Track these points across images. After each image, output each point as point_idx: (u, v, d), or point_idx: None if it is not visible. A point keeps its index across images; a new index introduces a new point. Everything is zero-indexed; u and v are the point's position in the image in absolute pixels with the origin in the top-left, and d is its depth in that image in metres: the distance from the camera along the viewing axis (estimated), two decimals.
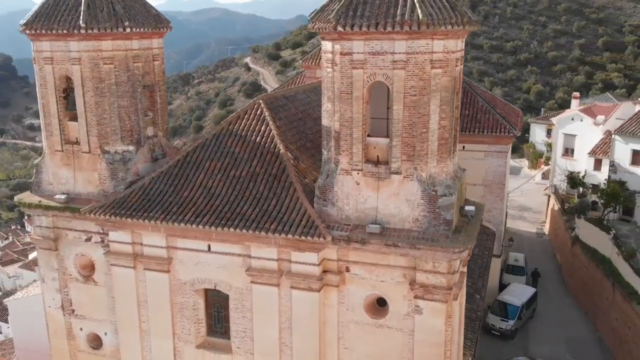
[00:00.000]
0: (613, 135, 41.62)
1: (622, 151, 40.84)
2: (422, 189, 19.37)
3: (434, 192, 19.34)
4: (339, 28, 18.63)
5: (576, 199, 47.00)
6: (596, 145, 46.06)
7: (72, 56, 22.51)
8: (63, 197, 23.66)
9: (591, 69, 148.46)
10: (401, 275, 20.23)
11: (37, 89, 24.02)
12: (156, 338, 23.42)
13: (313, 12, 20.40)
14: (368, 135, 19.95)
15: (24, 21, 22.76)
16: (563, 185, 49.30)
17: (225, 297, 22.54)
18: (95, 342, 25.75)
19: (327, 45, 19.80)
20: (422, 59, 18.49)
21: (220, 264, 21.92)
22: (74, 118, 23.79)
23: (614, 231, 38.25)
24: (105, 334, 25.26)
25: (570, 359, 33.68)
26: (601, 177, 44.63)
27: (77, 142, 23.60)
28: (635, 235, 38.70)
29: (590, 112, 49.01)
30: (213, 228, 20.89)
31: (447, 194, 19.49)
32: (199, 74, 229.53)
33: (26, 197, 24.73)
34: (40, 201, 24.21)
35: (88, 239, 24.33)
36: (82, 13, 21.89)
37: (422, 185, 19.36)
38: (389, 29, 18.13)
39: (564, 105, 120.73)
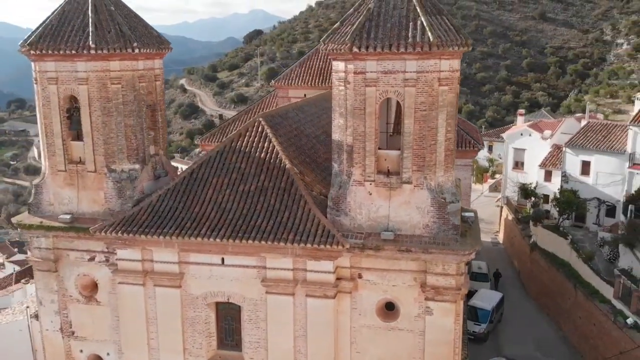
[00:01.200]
0: (564, 148, 44.92)
1: (573, 162, 44.15)
2: (431, 196, 20.84)
3: (442, 199, 20.84)
4: (355, 49, 19.95)
5: (528, 209, 50.01)
6: (545, 158, 49.38)
7: (79, 76, 22.69)
8: (67, 217, 23.60)
9: (517, 89, 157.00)
10: (412, 279, 21.53)
11: (37, 109, 23.97)
12: (166, 354, 23.55)
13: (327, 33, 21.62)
14: (378, 148, 21.29)
15: (27, 41, 22.77)
16: (515, 197, 52.35)
17: (237, 310, 23.10)
18: None
19: (339, 65, 21.04)
20: (431, 77, 20.07)
21: (234, 276, 22.49)
22: (76, 138, 23.92)
23: (570, 236, 41.15)
24: (108, 354, 25.11)
25: (542, 357, 35.91)
26: (552, 187, 47.82)
27: (80, 162, 23.63)
28: (589, 240, 41.78)
29: (537, 127, 52.52)
30: (231, 241, 21.51)
31: (455, 201, 21.05)
32: None
33: (25, 218, 24.45)
34: (41, 222, 24.01)
35: (91, 259, 24.28)
36: (90, 34, 22.19)
37: (431, 193, 20.83)
38: (401, 49, 19.63)
39: (494, 123, 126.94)
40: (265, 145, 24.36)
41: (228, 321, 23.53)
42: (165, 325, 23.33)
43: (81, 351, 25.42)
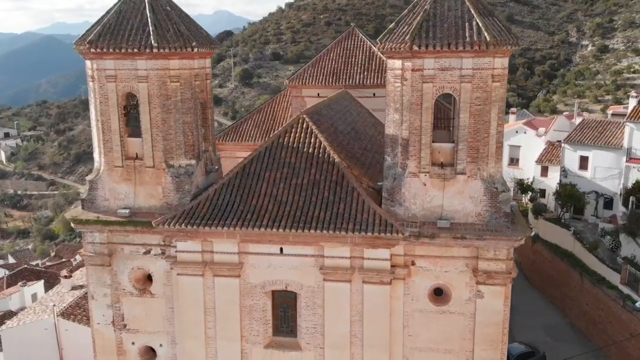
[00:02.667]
0: (563, 144, 47.15)
1: (571, 158, 46.45)
2: (484, 186, 22.24)
3: (495, 189, 22.27)
4: (415, 47, 21.22)
5: (525, 204, 52.17)
6: (541, 154, 51.62)
7: (140, 74, 23.34)
8: (126, 211, 24.19)
9: None
10: (464, 265, 22.87)
11: (92, 107, 24.50)
12: (223, 342, 24.38)
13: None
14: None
15: (86, 40, 23.27)
16: (511, 192, 54.46)
17: (292, 297, 24.11)
18: (147, 354, 26.09)
19: (396, 63, 22.28)
20: (486, 74, 21.48)
21: (292, 265, 23.49)
22: (131, 134, 24.55)
23: (572, 228, 43.30)
24: (160, 345, 25.73)
25: (553, 342, 37.83)
26: (548, 182, 50.07)
27: (136, 158, 24.25)
28: (589, 231, 44.05)
29: (531, 125, 54.83)
30: (293, 231, 22.52)
31: (505, 190, 22.52)
32: None
33: (79, 214, 24.92)
34: (98, 217, 24.55)
35: (147, 252, 24.90)
36: (151, 33, 22.87)
37: (484, 183, 22.24)
38: (460, 48, 20.98)
39: None
40: (312, 140, 25.42)
41: (284, 308, 24.48)
42: (224, 314, 24.16)
43: (133, 343, 25.96)
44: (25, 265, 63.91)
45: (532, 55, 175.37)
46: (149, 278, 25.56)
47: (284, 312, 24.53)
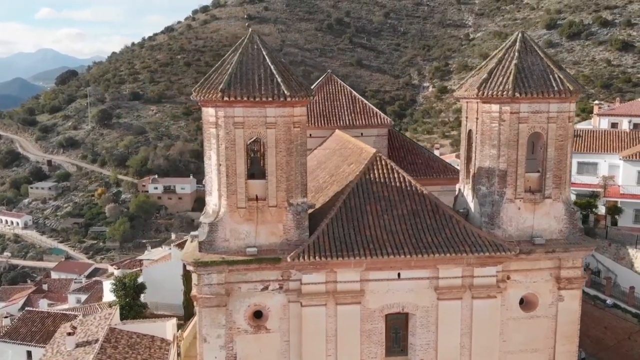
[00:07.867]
0: None
1: None
2: (565, 207, 27.02)
3: (572, 209, 27.16)
4: (516, 95, 25.59)
5: None
6: None
7: (269, 121, 24.82)
8: (254, 249, 25.17)
9: None
10: (548, 274, 27.28)
11: (211, 152, 25.33)
12: None
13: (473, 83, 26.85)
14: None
15: (217, 88, 24.26)
16: None
17: (403, 319, 26.69)
18: None
19: (493, 107, 26.43)
20: (565, 116, 26.49)
21: (408, 288, 26.16)
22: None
23: None
24: None
25: None
26: None
27: (258, 199, 25.48)
28: None
29: None
30: (418, 256, 25.32)
31: (577, 210, 27.51)
32: None
33: (200, 256, 25.27)
34: (223, 258, 25.17)
35: (265, 288, 25.91)
36: (281, 83, 24.61)
37: (564, 204, 27.01)
38: (550, 95, 25.76)
39: None
40: (395, 176, 28.44)
41: (395, 329, 26.88)
42: (345, 339, 25.92)
43: None
44: None
45: (382, 96, 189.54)
46: (255, 315, 26.43)
47: (396, 332, 26.95)
